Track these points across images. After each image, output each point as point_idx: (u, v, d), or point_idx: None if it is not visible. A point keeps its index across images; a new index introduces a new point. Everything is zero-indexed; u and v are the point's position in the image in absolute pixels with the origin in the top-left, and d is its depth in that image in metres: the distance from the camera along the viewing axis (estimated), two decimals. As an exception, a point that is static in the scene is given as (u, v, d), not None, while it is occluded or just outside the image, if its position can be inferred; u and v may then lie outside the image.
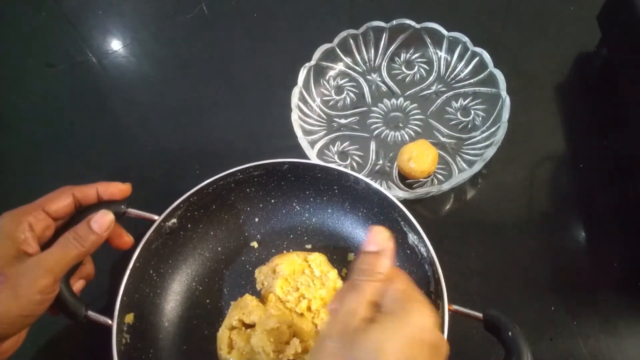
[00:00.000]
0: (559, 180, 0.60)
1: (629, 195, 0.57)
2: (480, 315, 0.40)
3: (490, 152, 0.53)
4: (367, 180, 0.49)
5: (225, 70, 0.71)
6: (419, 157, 0.54)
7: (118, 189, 0.45)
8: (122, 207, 0.45)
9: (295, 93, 0.59)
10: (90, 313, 0.43)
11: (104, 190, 0.45)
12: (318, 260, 0.51)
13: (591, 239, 0.55)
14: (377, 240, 0.35)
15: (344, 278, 0.51)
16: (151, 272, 0.49)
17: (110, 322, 0.43)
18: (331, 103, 0.65)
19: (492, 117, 0.59)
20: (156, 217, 0.48)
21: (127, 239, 0.47)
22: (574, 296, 0.51)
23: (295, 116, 0.58)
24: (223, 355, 0.45)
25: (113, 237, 0.46)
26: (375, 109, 0.64)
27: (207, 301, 0.51)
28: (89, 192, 0.44)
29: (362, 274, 0.34)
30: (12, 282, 0.37)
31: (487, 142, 0.57)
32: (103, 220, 0.42)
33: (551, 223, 0.56)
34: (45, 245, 0.41)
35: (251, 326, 0.47)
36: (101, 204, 0.44)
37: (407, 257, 0.50)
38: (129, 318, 0.45)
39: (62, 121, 0.69)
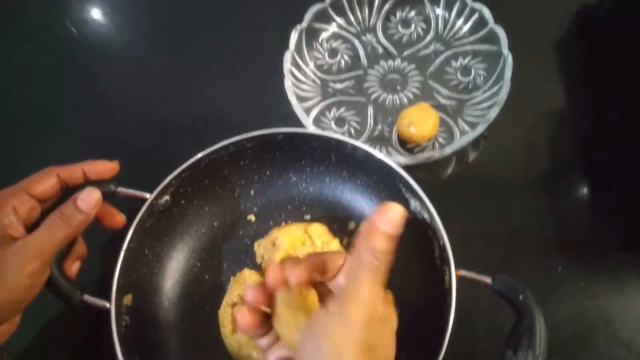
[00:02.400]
0: (563, 139, 0.58)
1: (634, 152, 0.55)
2: (489, 279, 0.39)
3: (493, 113, 0.51)
4: (366, 147, 0.47)
5: (212, 37, 0.67)
6: (420, 121, 0.52)
7: (105, 168, 0.43)
8: (112, 186, 0.43)
9: (287, 57, 0.57)
10: (87, 297, 0.42)
11: (90, 169, 0.43)
12: (318, 230, 0.49)
13: (596, 198, 0.54)
14: (394, 221, 0.31)
15: (345, 247, 0.50)
16: (147, 251, 0.47)
17: (107, 305, 0.42)
18: (325, 67, 0.62)
19: (494, 76, 0.57)
20: (148, 195, 0.46)
21: (119, 218, 0.45)
22: (581, 256, 0.50)
23: (288, 82, 0.55)
24: (227, 334, 0.44)
25: (104, 216, 0.45)
26: (371, 71, 0.61)
27: (207, 277, 0.50)
28: (74, 172, 0.42)
29: (377, 255, 0.30)
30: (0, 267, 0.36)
31: (490, 103, 0.55)
32: (89, 198, 0.40)
33: (555, 183, 0.55)
34: (32, 228, 0.39)
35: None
36: (89, 184, 0.42)
37: (409, 224, 0.48)
38: (127, 300, 0.44)
39: (44, 97, 0.66)
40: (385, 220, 0.30)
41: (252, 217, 0.53)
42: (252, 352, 0.44)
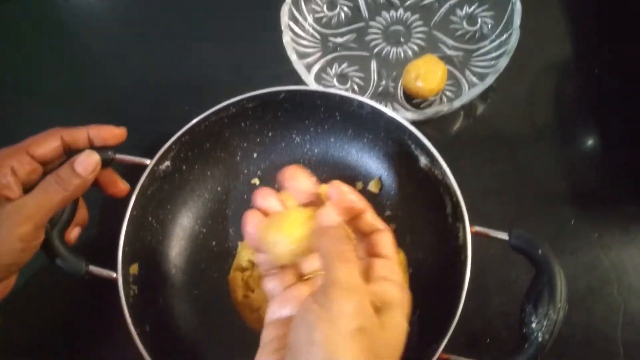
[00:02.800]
0: (573, 88, 0.56)
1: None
2: (505, 235, 0.38)
3: (503, 63, 0.49)
4: (373, 103, 0.45)
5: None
6: (427, 74, 0.50)
7: (111, 134, 0.41)
8: (110, 152, 0.42)
9: (285, 11, 0.54)
10: (92, 268, 0.40)
11: (95, 134, 0.41)
12: (326, 191, 0.48)
13: (608, 148, 0.53)
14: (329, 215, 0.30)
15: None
16: (150, 219, 0.46)
17: (114, 275, 0.40)
18: (324, 20, 0.59)
19: (501, 24, 0.54)
20: (148, 161, 0.44)
21: (123, 186, 0.44)
22: (594, 208, 0.50)
23: (287, 38, 0.52)
24: (238, 299, 0.44)
25: (107, 184, 0.43)
26: (373, 23, 0.59)
27: (213, 244, 0.49)
28: (79, 135, 0.40)
29: (338, 242, 0.29)
30: None
31: (498, 52, 0.53)
32: (88, 161, 0.39)
33: (566, 134, 0.54)
34: (31, 190, 0.37)
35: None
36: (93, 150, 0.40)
37: (418, 182, 0.47)
38: (134, 269, 0.43)
39: (31, 63, 0.63)
40: (327, 220, 0.30)
41: (256, 181, 0.51)
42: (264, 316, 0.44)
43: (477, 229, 0.40)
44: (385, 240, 0.32)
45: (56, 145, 0.39)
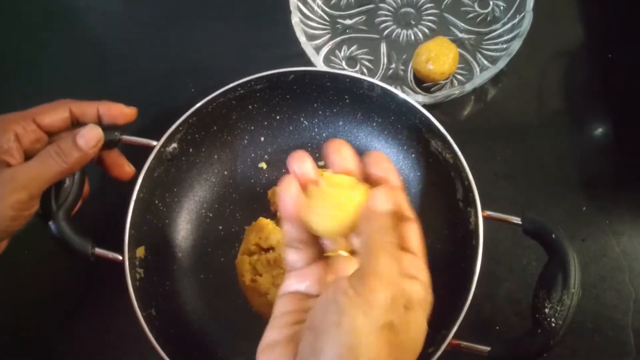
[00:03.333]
0: (586, 73, 0.55)
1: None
2: (518, 219, 0.38)
3: (515, 46, 0.48)
4: (383, 84, 0.44)
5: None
6: (439, 57, 0.49)
7: (121, 112, 0.41)
8: (116, 133, 0.41)
9: (293, -8, 0.52)
10: (98, 250, 0.40)
11: (105, 110, 0.40)
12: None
13: (619, 134, 0.52)
14: (390, 201, 0.28)
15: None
16: (157, 202, 0.45)
17: (120, 257, 0.40)
18: (333, 1, 0.58)
19: (514, 7, 0.53)
20: (155, 143, 0.43)
21: (128, 169, 0.43)
22: (605, 195, 0.49)
23: (296, 18, 0.51)
24: (246, 282, 0.43)
25: (113, 166, 0.43)
26: (383, 5, 0.57)
27: (220, 228, 0.49)
28: (88, 110, 0.40)
29: (384, 232, 0.27)
30: None
31: (510, 35, 0.52)
32: (90, 135, 0.38)
33: (578, 119, 0.53)
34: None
35: (269, 250, 0.45)
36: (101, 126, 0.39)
37: (429, 166, 0.46)
38: (140, 252, 0.42)
39: (33, 41, 0.62)
40: (381, 204, 0.28)
41: (263, 165, 0.50)
42: (271, 300, 0.43)
43: (489, 213, 0.39)
44: (415, 233, 0.31)
45: (64, 116, 0.38)
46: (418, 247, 0.30)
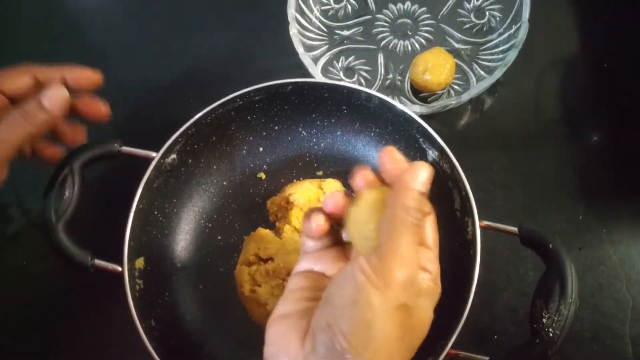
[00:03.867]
0: (581, 82, 0.56)
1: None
2: (515, 229, 0.38)
3: (511, 56, 0.49)
4: (381, 95, 0.45)
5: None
6: (435, 67, 0.50)
7: (86, 76, 0.40)
8: (116, 145, 0.41)
9: (291, 3, 0.53)
10: (98, 261, 0.40)
11: (71, 76, 0.39)
12: (333, 186, 0.47)
13: (615, 142, 0.52)
14: (425, 181, 0.27)
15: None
16: (156, 212, 0.46)
17: (119, 269, 0.40)
18: (331, 13, 0.58)
19: (510, 17, 0.54)
20: (154, 154, 0.43)
21: (103, 109, 0.41)
22: (602, 203, 0.49)
23: (294, 30, 0.52)
24: (246, 294, 0.43)
25: (86, 109, 0.41)
26: (380, 16, 0.58)
27: (219, 238, 0.49)
28: (53, 75, 0.39)
29: (411, 212, 0.26)
30: None
31: (506, 46, 0.52)
32: (56, 95, 0.37)
33: (574, 128, 0.53)
34: None
35: (268, 260, 0.45)
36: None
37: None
38: (139, 263, 0.42)
39: (35, 53, 0.62)
40: (418, 180, 0.27)
41: (262, 175, 0.51)
42: (271, 310, 0.44)
43: (487, 223, 0.40)
44: (431, 227, 0.31)
45: (28, 82, 0.38)
46: (433, 241, 0.31)
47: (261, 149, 0.51)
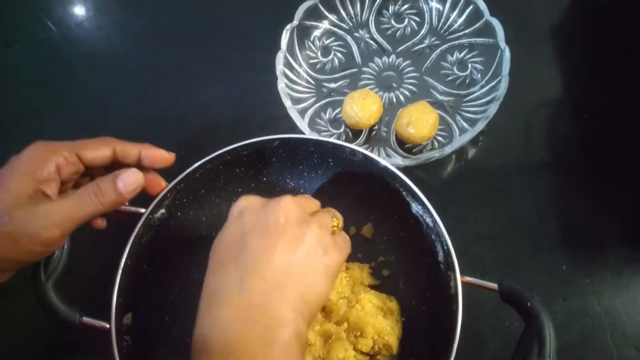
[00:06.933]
0: (563, 131, 0.57)
1: (636, 141, 0.54)
2: (495, 286, 0.39)
3: (492, 109, 0.50)
4: (364, 151, 0.46)
5: (201, 38, 0.65)
6: (419, 121, 0.51)
7: (161, 156, 0.42)
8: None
9: (280, 58, 0.55)
10: (86, 319, 0.41)
11: (147, 153, 0.41)
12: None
13: (599, 193, 0.53)
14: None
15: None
16: (144, 267, 0.46)
17: (107, 326, 0.40)
18: (319, 66, 0.60)
19: (491, 70, 0.56)
20: (143, 210, 0.44)
21: (163, 185, 0.44)
22: (585, 253, 0.50)
23: (281, 84, 0.54)
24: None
25: (149, 186, 0.43)
26: (366, 69, 0.60)
27: (208, 290, 0.49)
28: (131, 151, 0.41)
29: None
30: (16, 225, 0.35)
31: (488, 98, 0.54)
32: (131, 179, 0.39)
33: (557, 178, 0.54)
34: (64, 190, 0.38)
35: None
36: None
37: (411, 228, 0.47)
38: (127, 319, 0.43)
39: (31, 104, 0.64)
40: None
41: (250, 225, 0.51)
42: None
43: (468, 279, 0.40)
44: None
45: (108, 154, 0.39)
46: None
47: (250, 199, 0.52)
